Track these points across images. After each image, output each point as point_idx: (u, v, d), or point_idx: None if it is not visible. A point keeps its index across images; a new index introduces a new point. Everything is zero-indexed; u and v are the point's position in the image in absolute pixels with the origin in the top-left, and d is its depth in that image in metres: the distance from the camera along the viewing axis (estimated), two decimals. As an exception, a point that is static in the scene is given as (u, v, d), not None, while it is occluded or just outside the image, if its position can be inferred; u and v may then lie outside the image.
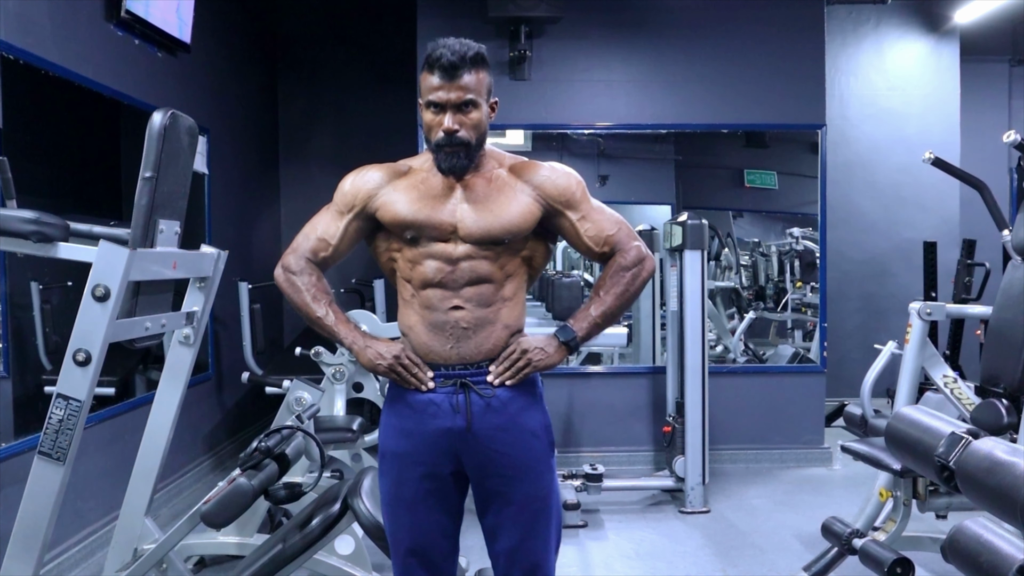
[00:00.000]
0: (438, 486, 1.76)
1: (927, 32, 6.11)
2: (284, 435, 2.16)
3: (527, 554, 1.76)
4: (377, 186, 1.79)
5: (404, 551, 1.79)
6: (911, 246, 5.66)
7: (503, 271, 1.75)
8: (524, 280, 1.81)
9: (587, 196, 1.81)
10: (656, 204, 5.48)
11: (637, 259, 1.79)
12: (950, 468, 1.48)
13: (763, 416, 4.76)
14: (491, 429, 1.72)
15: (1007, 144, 3.18)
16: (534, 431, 1.77)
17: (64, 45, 3.09)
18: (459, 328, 1.71)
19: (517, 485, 1.74)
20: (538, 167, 1.79)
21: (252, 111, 5.54)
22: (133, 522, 2.34)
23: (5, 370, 2.80)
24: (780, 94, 4.73)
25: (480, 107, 1.71)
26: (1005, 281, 2.61)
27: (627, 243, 1.80)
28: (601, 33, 4.72)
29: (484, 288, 1.73)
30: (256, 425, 5.13)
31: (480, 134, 1.73)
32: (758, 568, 3.24)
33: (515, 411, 1.74)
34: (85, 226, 2.00)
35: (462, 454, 1.74)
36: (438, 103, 1.69)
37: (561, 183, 1.77)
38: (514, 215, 1.73)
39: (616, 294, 1.78)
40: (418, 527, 1.77)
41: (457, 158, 1.71)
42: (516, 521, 1.75)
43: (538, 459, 1.77)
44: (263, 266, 5.55)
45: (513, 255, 1.76)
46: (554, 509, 1.80)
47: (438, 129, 1.70)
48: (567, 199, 1.78)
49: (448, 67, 1.66)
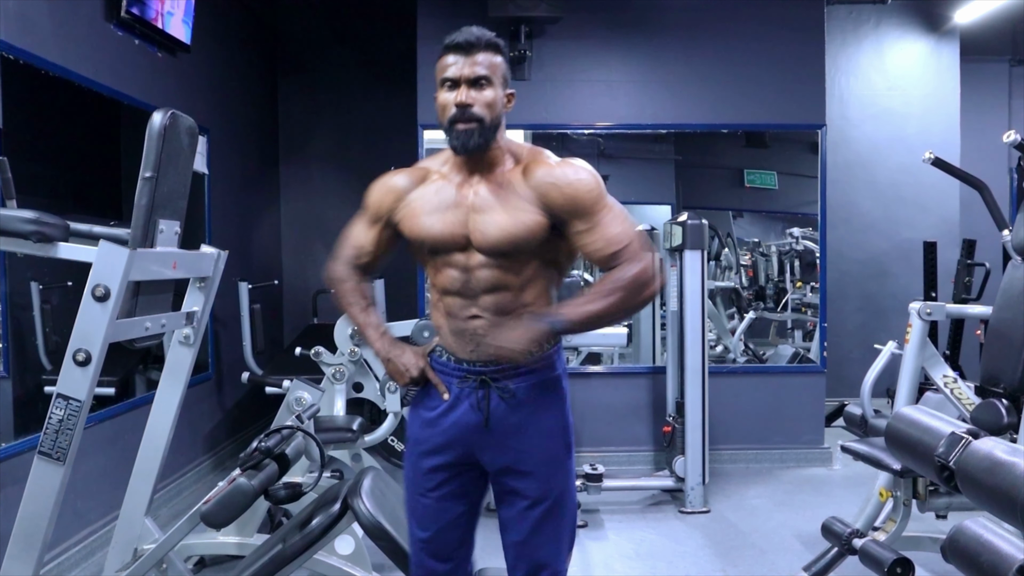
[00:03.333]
0: (454, 476, 1.79)
1: (927, 32, 6.11)
2: (284, 435, 2.16)
3: (533, 550, 1.77)
4: (397, 198, 1.79)
5: (417, 539, 1.84)
6: (911, 246, 5.66)
7: (520, 277, 1.72)
8: (549, 281, 1.78)
9: (599, 201, 1.69)
10: (656, 204, 5.47)
11: (634, 281, 1.63)
12: (950, 468, 1.48)
13: (763, 416, 4.76)
14: (507, 427, 1.74)
15: (1007, 144, 3.17)
16: (550, 431, 1.77)
17: (64, 45, 3.09)
18: (478, 335, 1.72)
19: (530, 483, 1.76)
20: (548, 168, 1.71)
21: (252, 111, 5.54)
22: (133, 522, 2.34)
23: (5, 370, 2.80)
24: (780, 94, 4.73)
25: (495, 86, 1.71)
26: (1005, 281, 2.62)
27: (632, 261, 1.65)
28: (601, 33, 4.72)
29: (502, 296, 1.71)
30: (256, 425, 5.13)
31: (494, 115, 1.70)
32: (758, 568, 3.24)
33: (532, 410, 1.75)
34: (85, 226, 2.00)
35: (480, 449, 1.77)
36: (453, 78, 1.69)
37: (568, 191, 1.67)
38: (519, 227, 1.68)
39: (605, 306, 1.64)
40: (431, 515, 1.81)
41: (470, 136, 1.68)
42: (526, 517, 1.77)
43: (552, 459, 1.77)
44: (263, 266, 5.59)
45: (531, 260, 1.72)
46: (567, 510, 1.80)
47: (451, 105, 1.69)
48: (573, 208, 1.67)
49: (464, 45, 1.69)
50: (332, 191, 6.02)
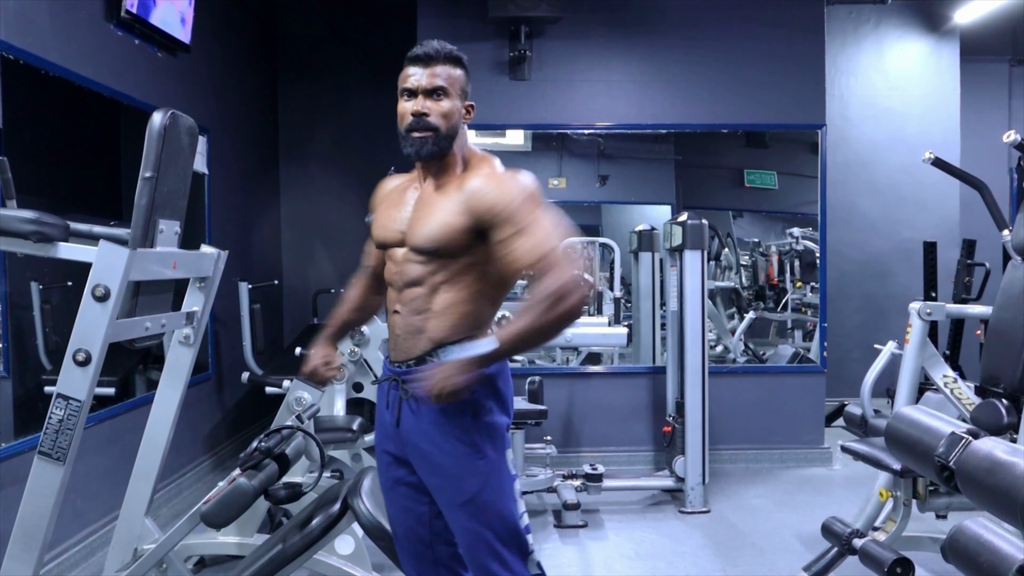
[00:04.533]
0: (405, 473, 1.82)
1: (927, 32, 6.11)
2: (284, 435, 2.16)
3: (472, 557, 1.75)
4: (379, 200, 1.92)
5: (395, 538, 1.91)
6: (911, 246, 5.66)
7: (436, 278, 1.72)
8: (476, 290, 1.73)
9: (522, 211, 1.63)
10: (656, 204, 5.48)
11: (553, 294, 1.55)
12: (950, 468, 1.49)
13: (763, 416, 4.76)
14: (413, 427, 1.76)
15: (1007, 144, 3.18)
16: (455, 433, 1.71)
17: (64, 45, 3.09)
18: (395, 333, 1.80)
19: (440, 484, 1.75)
20: (482, 177, 1.71)
21: (252, 111, 5.54)
22: (133, 522, 2.33)
23: (5, 370, 2.80)
24: (780, 94, 4.73)
25: (452, 98, 1.75)
26: (1005, 281, 2.62)
27: (547, 276, 1.57)
28: (601, 33, 4.72)
29: (416, 292, 1.74)
30: (256, 425, 5.13)
31: (450, 125, 1.74)
32: (758, 568, 3.24)
33: (437, 410, 1.70)
34: (85, 226, 1.99)
35: (400, 447, 1.81)
36: (411, 88, 1.74)
37: (489, 198, 1.66)
38: (436, 226, 1.70)
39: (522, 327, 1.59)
40: (394, 513, 1.88)
41: (424, 144, 1.72)
42: (451, 519, 1.77)
43: (459, 461, 1.71)
44: (263, 266, 5.59)
45: (451, 263, 1.71)
46: (490, 514, 1.71)
47: (408, 114, 1.74)
48: (493, 215, 1.65)
49: (423, 57, 1.74)
50: (332, 191, 6.02)
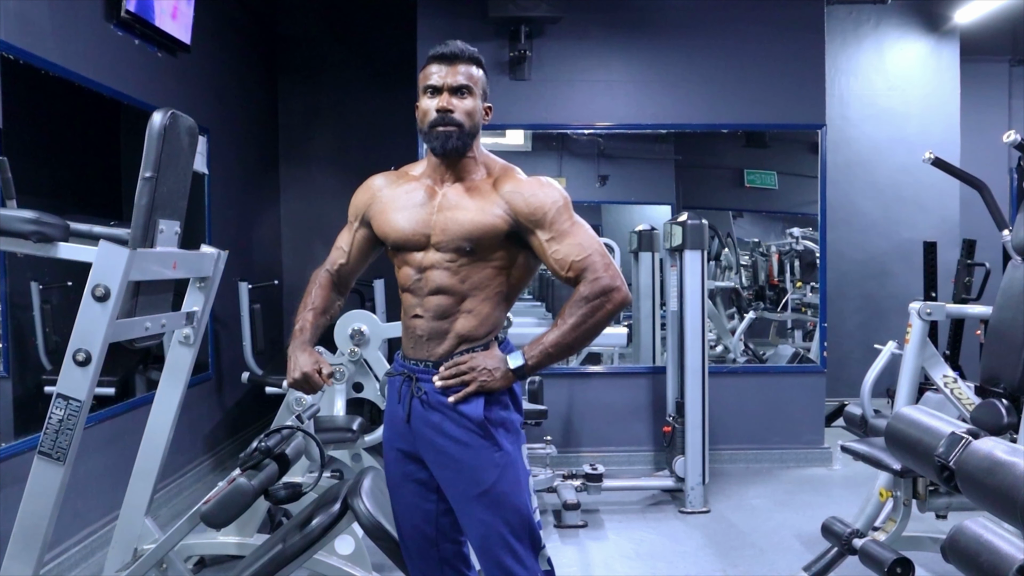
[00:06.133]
0: (414, 470, 1.82)
1: (927, 32, 6.11)
2: (284, 435, 2.16)
3: (487, 551, 1.74)
4: (372, 196, 1.89)
5: (400, 535, 1.90)
6: (911, 246, 5.66)
7: (467, 284, 1.75)
8: (497, 292, 1.78)
9: (564, 215, 1.74)
10: (656, 204, 5.48)
11: (600, 291, 1.70)
12: (950, 468, 1.49)
13: (763, 416, 4.76)
14: (426, 422, 1.77)
15: (1007, 144, 3.17)
16: (469, 426, 1.73)
17: (64, 45, 3.09)
18: (416, 334, 1.79)
19: (454, 477, 1.76)
20: (517, 181, 1.77)
21: (252, 111, 5.54)
22: (133, 522, 2.33)
23: (5, 370, 2.80)
24: (780, 94, 4.73)
25: (475, 96, 1.78)
26: (1005, 281, 2.61)
27: (594, 272, 1.71)
28: (601, 33, 4.72)
29: (443, 299, 1.75)
30: (256, 425, 5.13)
31: (473, 123, 1.77)
32: (758, 568, 3.24)
33: (452, 405, 1.74)
34: (85, 226, 1.99)
35: (410, 443, 1.81)
36: (436, 85, 1.76)
37: (534, 201, 1.73)
38: (476, 223, 1.73)
39: (572, 325, 1.70)
40: (400, 510, 1.88)
41: (449, 138, 1.75)
42: (464, 512, 1.76)
43: (476, 452, 1.73)
44: (263, 266, 5.59)
45: (481, 265, 1.75)
46: (505, 506, 1.73)
47: (432, 110, 1.76)
48: (537, 218, 1.73)
49: (448, 55, 1.77)
50: (332, 191, 6.01)
